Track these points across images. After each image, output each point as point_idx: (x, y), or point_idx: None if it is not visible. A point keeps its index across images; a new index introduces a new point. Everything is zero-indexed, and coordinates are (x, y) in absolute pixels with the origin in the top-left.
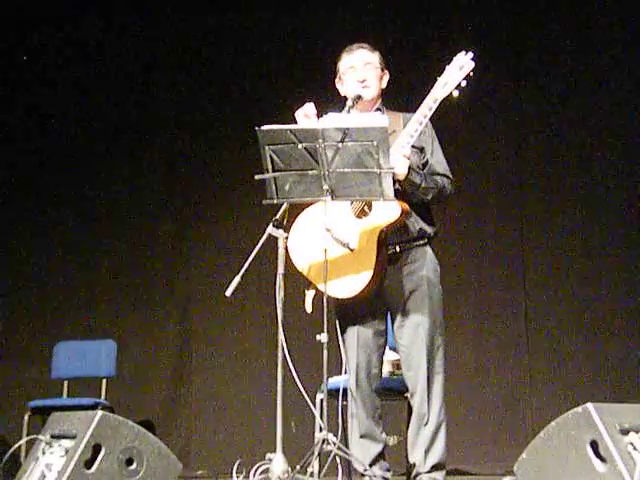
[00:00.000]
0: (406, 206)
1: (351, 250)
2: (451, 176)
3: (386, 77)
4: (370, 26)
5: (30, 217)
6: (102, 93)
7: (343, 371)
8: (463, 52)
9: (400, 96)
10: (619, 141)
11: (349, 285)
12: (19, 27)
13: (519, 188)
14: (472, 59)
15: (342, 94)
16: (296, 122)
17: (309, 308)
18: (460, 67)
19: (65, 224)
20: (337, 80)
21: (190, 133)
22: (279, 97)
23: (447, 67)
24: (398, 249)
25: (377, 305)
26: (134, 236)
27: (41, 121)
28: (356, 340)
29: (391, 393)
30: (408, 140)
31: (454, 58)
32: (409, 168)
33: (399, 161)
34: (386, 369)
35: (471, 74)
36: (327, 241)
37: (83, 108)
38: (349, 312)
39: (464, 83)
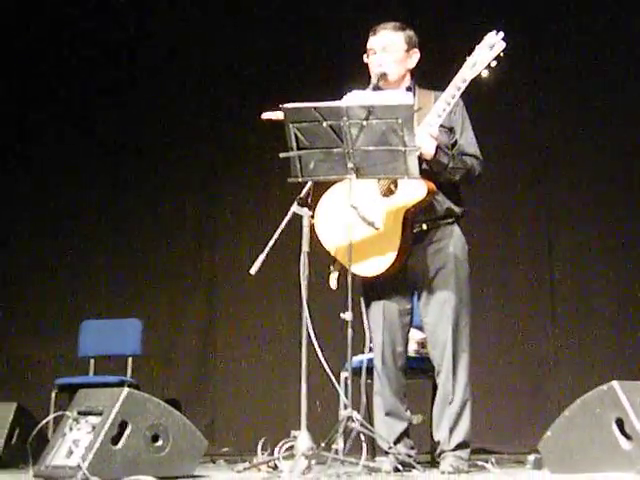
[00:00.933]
0: (432, 185)
1: (376, 229)
2: (481, 157)
3: (415, 56)
4: (399, 2)
5: (59, 195)
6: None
7: (367, 349)
8: (494, 31)
9: (429, 75)
10: None
11: (374, 264)
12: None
13: (545, 162)
14: (503, 39)
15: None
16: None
17: (334, 285)
18: (490, 47)
19: (93, 203)
20: (365, 57)
21: (216, 111)
22: (303, 74)
23: (477, 46)
24: (425, 227)
25: (403, 283)
26: (160, 215)
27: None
28: (382, 318)
29: (416, 372)
30: (436, 120)
31: (484, 37)
32: (437, 148)
33: (426, 141)
34: (411, 347)
35: (501, 54)
36: (353, 219)
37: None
38: (375, 290)
39: (494, 63)
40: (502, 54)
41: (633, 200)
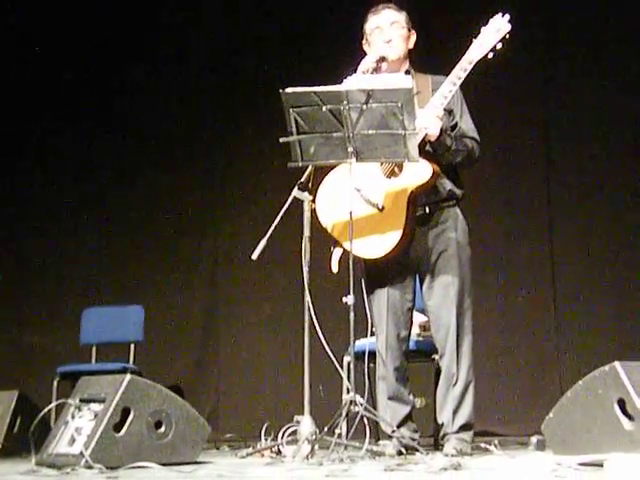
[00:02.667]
0: (437, 167)
1: (380, 210)
2: (478, 139)
3: (413, 37)
4: None
5: (61, 182)
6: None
7: (369, 333)
8: (500, 14)
9: (432, 58)
10: None
11: (377, 245)
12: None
13: (546, 146)
14: (509, 21)
15: None
16: None
17: (335, 267)
18: (497, 30)
19: (94, 189)
20: (364, 42)
21: (219, 95)
22: (304, 59)
23: (483, 29)
24: (428, 210)
25: (405, 267)
26: (162, 201)
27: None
28: (385, 302)
29: (418, 355)
30: (442, 101)
31: (490, 20)
32: (441, 129)
33: (432, 122)
34: (414, 331)
35: (507, 37)
36: (356, 201)
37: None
38: (377, 275)
39: (500, 46)
40: (507, 36)
41: (637, 183)
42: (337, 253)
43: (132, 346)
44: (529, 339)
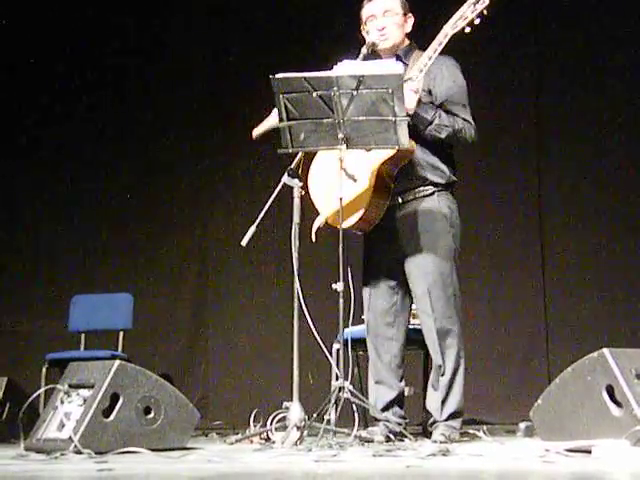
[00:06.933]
0: (411, 144)
1: (355, 181)
2: (472, 122)
3: (410, 20)
4: None
5: (50, 172)
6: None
7: (350, 322)
8: None
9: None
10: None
11: (349, 217)
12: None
13: (538, 133)
14: None
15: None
16: None
17: (313, 236)
18: (474, 3)
19: (83, 178)
20: (362, 29)
21: (207, 85)
22: (296, 46)
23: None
24: (400, 200)
25: (392, 255)
26: (151, 190)
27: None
28: (375, 288)
29: (409, 343)
30: (417, 74)
31: None
32: (419, 102)
33: (408, 95)
34: None
35: (484, 12)
36: (337, 171)
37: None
38: (371, 264)
39: (477, 20)
40: (485, 12)
41: (626, 174)
42: (317, 223)
43: (121, 334)
44: (518, 327)
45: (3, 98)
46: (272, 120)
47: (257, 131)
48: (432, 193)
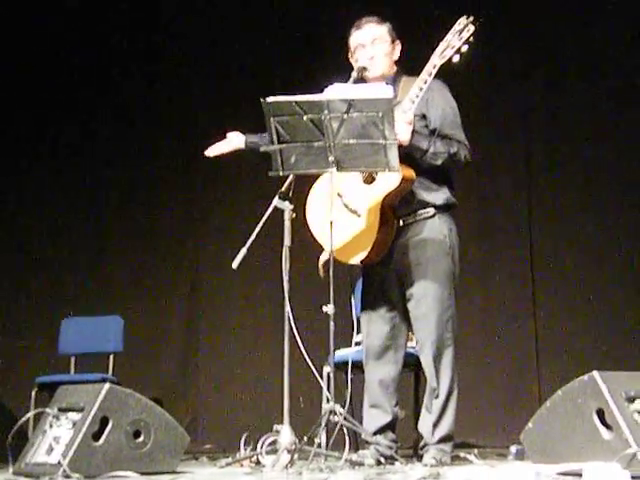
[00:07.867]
0: (410, 172)
1: (359, 216)
2: (467, 143)
3: (398, 47)
4: None
5: (37, 192)
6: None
7: (353, 343)
8: (465, 16)
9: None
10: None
11: (355, 253)
12: None
13: (527, 153)
14: (472, 23)
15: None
16: None
17: (321, 272)
18: (460, 31)
19: (72, 199)
20: (350, 55)
21: (200, 101)
22: (288, 68)
23: (449, 32)
24: (402, 223)
25: (391, 280)
26: (142, 211)
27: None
28: (374, 312)
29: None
30: (409, 106)
31: (456, 22)
32: (413, 132)
33: (401, 127)
34: None
35: (471, 39)
36: (338, 207)
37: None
38: (369, 284)
39: (465, 48)
40: (471, 39)
41: (616, 183)
42: (323, 258)
43: (111, 357)
44: (508, 350)
45: None
46: (234, 144)
47: (211, 152)
48: (433, 215)
